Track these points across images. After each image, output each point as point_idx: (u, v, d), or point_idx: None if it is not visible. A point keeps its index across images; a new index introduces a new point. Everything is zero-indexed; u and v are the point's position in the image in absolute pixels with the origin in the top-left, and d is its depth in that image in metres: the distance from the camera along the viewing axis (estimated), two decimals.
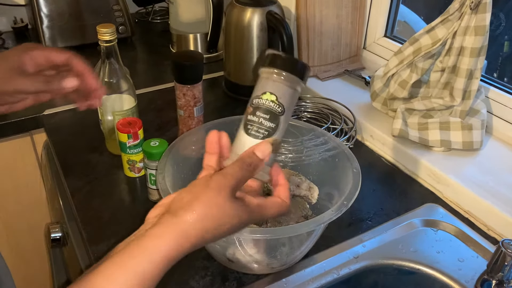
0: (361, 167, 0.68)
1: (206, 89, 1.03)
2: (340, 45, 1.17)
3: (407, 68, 0.93)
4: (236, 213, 0.45)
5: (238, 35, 1.07)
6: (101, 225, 0.77)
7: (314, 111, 1.05)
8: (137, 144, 0.83)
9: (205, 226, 0.43)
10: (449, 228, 0.76)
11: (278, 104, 0.51)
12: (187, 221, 0.42)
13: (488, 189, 0.79)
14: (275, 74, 0.51)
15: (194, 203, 0.43)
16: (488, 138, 0.92)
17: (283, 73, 0.51)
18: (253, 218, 0.47)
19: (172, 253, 0.42)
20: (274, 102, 0.51)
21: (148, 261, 0.40)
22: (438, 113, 0.92)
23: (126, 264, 0.40)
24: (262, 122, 0.51)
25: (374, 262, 0.71)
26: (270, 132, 0.51)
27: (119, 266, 0.40)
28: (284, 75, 0.51)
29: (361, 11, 1.17)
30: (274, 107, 0.51)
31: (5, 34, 1.41)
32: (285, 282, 0.67)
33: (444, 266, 0.70)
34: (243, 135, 0.52)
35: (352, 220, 0.78)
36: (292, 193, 0.75)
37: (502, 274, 0.58)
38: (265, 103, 0.51)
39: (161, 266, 0.41)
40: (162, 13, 1.60)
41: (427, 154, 0.88)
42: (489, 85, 0.96)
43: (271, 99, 0.51)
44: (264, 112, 0.51)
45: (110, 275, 0.40)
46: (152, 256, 0.41)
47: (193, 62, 0.86)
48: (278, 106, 0.51)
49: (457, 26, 0.84)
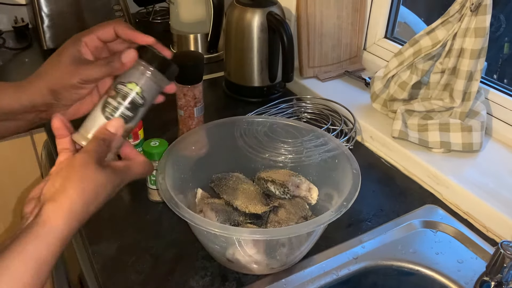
0: (360, 168, 0.68)
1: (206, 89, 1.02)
2: (340, 46, 1.17)
3: (407, 69, 0.93)
4: (107, 179, 0.49)
5: (239, 35, 1.07)
6: (100, 224, 0.77)
7: (314, 112, 1.05)
8: (137, 144, 0.83)
9: (85, 201, 0.47)
10: (449, 229, 0.77)
11: (141, 97, 0.55)
12: (68, 201, 0.45)
13: (488, 190, 0.79)
14: (147, 69, 0.54)
15: (67, 184, 0.47)
16: (488, 140, 0.92)
17: (154, 71, 0.54)
18: (124, 178, 0.52)
19: (65, 233, 0.45)
20: (138, 94, 0.54)
21: (45, 246, 0.43)
22: (438, 114, 0.92)
23: (23, 251, 0.42)
24: (121, 109, 0.54)
25: (373, 263, 0.71)
26: (126, 120, 0.55)
27: (17, 254, 0.42)
28: (154, 72, 0.54)
29: (361, 12, 1.17)
30: (137, 98, 0.54)
31: (5, 33, 1.41)
32: (285, 283, 0.67)
33: (443, 267, 0.70)
34: (99, 115, 0.54)
35: (351, 221, 0.78)
36: (292, 194, 0.75)
37: (501, 276, 0.58)
38: (129, 93, 0.54)
39: (57, 249, 0.45)
40: (163, 13, 1.61)
41: (426, 156, 0.88)
42: (489, 87, 0.96)
43: (136, 90, 0.54)
44: (126, 100, 0.54)
45: (8, 265, 0.41)
46: (47, 240, 0.44)
47: (193, 62, 0.86)
48: (141, 98, 0.55)
49: (457, 28, 0.84)
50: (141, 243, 0.73)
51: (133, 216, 0.79)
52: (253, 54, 1.07)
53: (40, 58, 1.30)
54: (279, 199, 0.75)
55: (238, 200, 0.72)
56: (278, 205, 0.73)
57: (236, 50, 1.09)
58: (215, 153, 0.79)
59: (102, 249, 0.72)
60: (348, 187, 0.65)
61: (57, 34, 1.29)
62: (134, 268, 0.69)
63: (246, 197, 0.73)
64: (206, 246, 0.68)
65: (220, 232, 0.57)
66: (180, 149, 0.73)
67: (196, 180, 0.76)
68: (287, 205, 0.73)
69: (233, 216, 0.71)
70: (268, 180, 0.76)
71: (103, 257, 0.70)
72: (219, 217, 0.70)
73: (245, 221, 0.72)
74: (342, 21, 1.14)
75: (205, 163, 0.78)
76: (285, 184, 0.74)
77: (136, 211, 0.80)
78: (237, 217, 0.72)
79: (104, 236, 0.74)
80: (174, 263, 0.70)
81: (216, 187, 0.76)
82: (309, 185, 0.76)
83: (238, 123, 0.81)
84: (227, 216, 0.71)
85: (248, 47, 1.07)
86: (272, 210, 0.73)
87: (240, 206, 0.72)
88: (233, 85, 1.14)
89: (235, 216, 0.71)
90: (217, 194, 0.76)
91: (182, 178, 0.72)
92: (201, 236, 0.67)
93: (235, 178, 0.78)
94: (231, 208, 0.72)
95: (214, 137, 0.79)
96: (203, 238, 0.67)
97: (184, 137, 0.75)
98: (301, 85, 1.14)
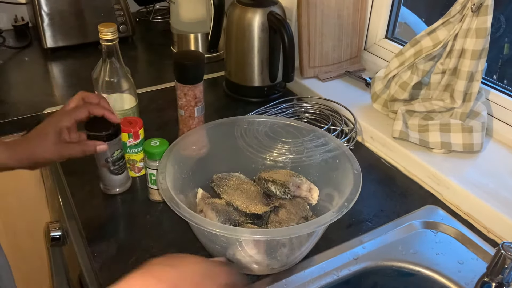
0: (361, 169, 0.68)
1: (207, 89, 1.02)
2: (341, 46, 1.17)
3: (408, 69, 0.93)
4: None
5: (239, 35, 1.07)
6: (100, 224, 0.77)
7: (315, 112, 1.05)
8: (137, 144, 0.83)
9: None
10: (449, 230, 0.77)
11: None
12: None
13: (488, 191, 0.79)
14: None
15: None
16: (489, 141, 0.92)
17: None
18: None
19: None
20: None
21: None
22: (438, 115, 0.92)
23: None
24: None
25: (374, 264, 0.71)
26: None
27: None
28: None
29: (362, 12, 1.17)
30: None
31: (5, 32, 1.41)
32: (285, 283, 0.67)
33: (443, 268, 0.70)
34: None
35: (352, 222, 0.78)
36: (292, 194, 0.75)
37: (502, 277, 0.58)
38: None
39: None
40: (163, 12, 1.60)
41: (427, 156, 0.88)
42: (490, 88, 0.96)
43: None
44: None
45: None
46: None
47: (194, 62, 0.86)
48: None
49: (458, 28, 0.84)
50: (141, 243, 0.73)
51: (134, 215, 0.79)
52: (254, 54, 1.07)
53: (40, 57, 1.30)
54: (280, 199, 0.75)
55: (239, 200, 0.72)
56: (279, 205, 0.73)
57: (236, 49, 1.09)
58: (215, 153, 0.79)
59: (102, 248, 0.71)
60: (349, 187, 0.65)
61: (57, 33, 1.29)
62: (134, 268, 0.69)
63: (247, 197, 0.73)
64: (207, 246, 0.68)
65: (220, 232, 0.57)
66: (180, 149, 0.73)
67: (197, 180, 0.76)
68: (287, 206, 0.73)
69: (234, 216, 0.71)
70: (268, 180, 0.76)
71: (103, 257, 0.70)
72: (220, 217, 0.70)
73: (245, 221, 0.71)
74: (342, 21, 1.14)
75: (206, 163, 0.77)
76: (286, 184, 0.74)
77: (136, 210, 0.80)
78: (238, 217, 0.71)
79: (104, 236, 0.74)
80: None
81: (217, 187, 0.76)
82: (309, 185, 0.76)
83: (238, 123, 0.80)
84: (227, 216, 0.70)
85: (248, 47, 1.07)
86: (272, 210, 0.73)
87: (240, 206, 0.71)
88: (233, 85, 1.14)
89: (236, 216, 0.71)
90: (218, 194, 0.76)
91: (183, 178, 0.72)
92: (201, 236, 0.67)
93: (235, 178, 0.78)
94: (232, 208, 0.72)
95: (214, 137, 0.79)
96: (203, 238, 0.67)
97: (184, 137, 0.75)
98: (302, 85, 1.14)
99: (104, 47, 0.82)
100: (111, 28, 0.80)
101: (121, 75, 0.85)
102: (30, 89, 1.16)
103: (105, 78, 0.85)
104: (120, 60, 0.85)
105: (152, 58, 1.38)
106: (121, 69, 0.85)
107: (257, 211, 0.71)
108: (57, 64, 1.29)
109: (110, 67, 0.84)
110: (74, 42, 1.31)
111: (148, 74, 1.29)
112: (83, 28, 1.32)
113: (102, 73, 0.85)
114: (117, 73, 0.85)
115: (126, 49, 1.36)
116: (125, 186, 0.83)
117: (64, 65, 1.29)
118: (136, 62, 1.35)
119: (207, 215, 0.70)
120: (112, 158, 0.78)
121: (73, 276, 0.89)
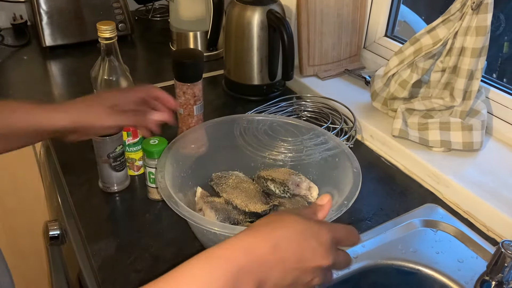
0: (360, 167, 0.68)
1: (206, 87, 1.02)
2: (340, 45, 1.17)
3: (408, 68, 0.93)
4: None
5: (239, 33, 1.07)
6: (99, 223, 0.77)
7: (314, 110, 1.05)
8: (136, 142, 0.83)
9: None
10: (449, 228, 0.76)
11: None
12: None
13: (488, 189, 0.79)
14: None
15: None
16: (488, 139, 0.92)
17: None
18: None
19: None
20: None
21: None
22: (438, 113, 0.91)
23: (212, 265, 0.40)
24: None
25: (373, 262, 0.71)
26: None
27: (204, 267, 0.40)
28: None
29: (361, 10, 1.16)
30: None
31: (4, 30, 1.40)
32: None
33: (443, 266, 0.70)
34: None
35: (351, 220, 0.78)
36: (292, 193, 0.75)
37: (502, 275, 0.58)
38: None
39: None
40: (162, 11, 1.60)
41: (427, 155, 0.87)
42: (490, 86, 0.95)
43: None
44: None
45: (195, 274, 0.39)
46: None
47: (193, 60, 0.85)
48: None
49: (458, 26, 0.84)
50: (140, 242, 0.73)
51: (132, 214, 0.79)
52: (253, 52, 1.07)
53: (38, 56, 1.30)
54: (279, 198, 0.75)
55: (238, 199, 0.72)
56: (278, 204, 0.73)
57: (236, 48, 1.09)
58: (214, 151, 0.79)
59: (101, 248, 0.71)
60: (348, 186, 0.65)
61: (55, 32, 1.29)
62: (133, 267, 0.69)
63: (246, 195, 0.73)
64: (206, 245, 0.68)
65: (219, 231, 0.57)
66: (179, 147, 0.73)
67: (196, 178, 0.75)
68: (287, 204, 0.73)
69: (233, 215, 0.71)
70: (268, 178, 0.75)
71: (102, 256, 0.70)
72: (219, 216, 0.69)
73: (244, 220, 0.71)
74: (342, 20, 1.14)
75: (205, 161, 0.77)
76: (285, 183, 0.74)
77: (135, 209, 0.80)
78: (237, 216, 0.71)
79: (103, 235, 0.74)
80: (174, 262, 0.69)
81: (216, 186, 0.76)
82: (309, 184, 0.76)
83: (238, 122, 0.80)
84: (226, 215, 0.70)
85: (248, 45, 1.06)
86: (272, 209, 0.73)
87: (239, 204, 0.71)
88: (233, 83, 1.14)
89: (235, 215, 0.71)
90: (217, 192, 0.75)
91: (182, 177, 0.72)
92: (200, 235, 0.66)
93: (234, 177, 0.78)
94: (231, 207, 0.72)
95: (213, 135, 0.79)
96: (202, 237, 0.66)
97: (183, 135, 0.75)
98: (301, 83, 1.14)
99: (102, 45, 0.82)
100: (110, 26, 0.80)
101: (120, 73, 0.85)
102: (29, 88, 1.16)
103: (103, 77, 0.84)
104: (119, 58, 0.84)
105: (151, 57, 1.37)
106: (120, 68, 0.85)
107: (257, 209, 0.71)
108: (56, 63, 1.28)
109: (109, 66, 0.84)
110: (73, 40, 1.31)
111: (147, 73, 1.29)
112: (81, 26, 1.31)
113: (101, 71, 0.84)
114: (116, 71, 0.84)
115: (125, 47, 1.35)
116: (124, 184, 0.83)
117: (63, 63, 1.29)
118: (135, 61, 1.35)
119: (206, 214, 0.70)
120: (114, 154, 0.78)
121: (72, 275, 0.89)
